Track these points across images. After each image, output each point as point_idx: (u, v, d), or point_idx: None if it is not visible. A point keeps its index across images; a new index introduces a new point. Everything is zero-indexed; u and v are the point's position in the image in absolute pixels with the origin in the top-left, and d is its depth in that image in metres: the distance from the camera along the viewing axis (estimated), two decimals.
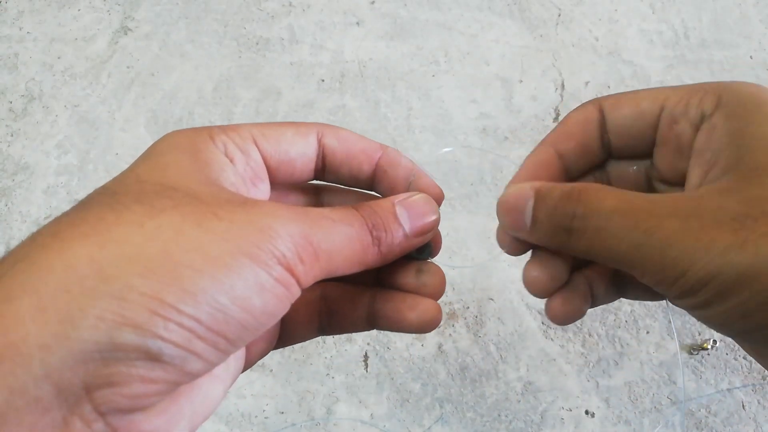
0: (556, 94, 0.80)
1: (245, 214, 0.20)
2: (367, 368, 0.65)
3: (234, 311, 0.19)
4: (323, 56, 0.83)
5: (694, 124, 0.25)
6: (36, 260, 0.18)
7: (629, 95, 0.28)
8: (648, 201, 0.22)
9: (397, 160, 0.28)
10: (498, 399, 0.63)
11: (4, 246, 0.73)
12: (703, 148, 0.24)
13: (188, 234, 0.19)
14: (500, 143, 0.76)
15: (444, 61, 0.83)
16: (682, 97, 0.26)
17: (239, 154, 0.24)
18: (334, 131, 0.27)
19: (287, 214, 0.21)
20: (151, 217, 0.19)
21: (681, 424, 0.61)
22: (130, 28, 0.87)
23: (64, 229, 0.19)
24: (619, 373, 0.64)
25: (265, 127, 0.26)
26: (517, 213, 0.25)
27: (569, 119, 0.29)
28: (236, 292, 0.19)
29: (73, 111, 0.81)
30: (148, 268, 0.18)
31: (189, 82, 0.83)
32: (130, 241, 0.18)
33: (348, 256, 0.23)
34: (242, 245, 0.19)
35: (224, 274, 0.18)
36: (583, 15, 0.85)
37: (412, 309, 0.27)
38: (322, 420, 0.63)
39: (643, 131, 0.27)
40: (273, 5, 0.88)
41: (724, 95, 0.24)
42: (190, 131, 0.24)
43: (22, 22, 0.88)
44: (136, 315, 0.17)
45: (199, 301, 0.18)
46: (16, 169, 0.78)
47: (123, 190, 0.21)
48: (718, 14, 0.85)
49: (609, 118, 0.28)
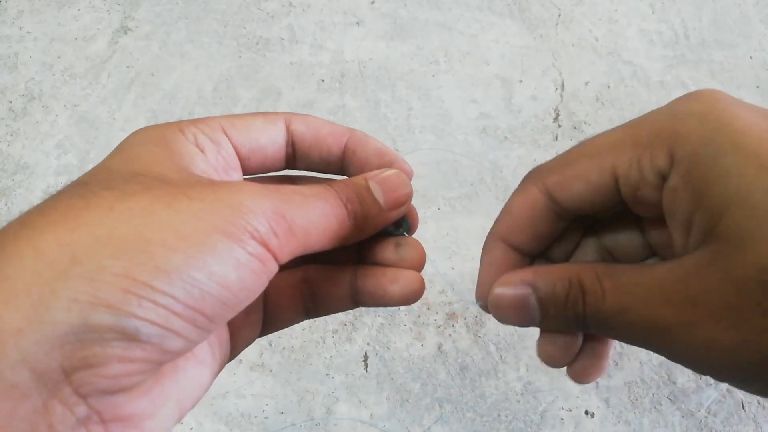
0: (556, 94, 0.80)
1: (215, 192, 0.20)
2: (367, 368, 0.65)
3: (211, 287, 0.19)
4: (323, 56, 0.83)
5: (656, 188, 0.23)
6: (5, 248, 0.18)
7: (571, 170, 0.25)
8: (644, 289, 0.22)
9: (364, 141, 0.28)
10: (498, 399, 0.63)
11: None
12: (673, 213, 0.23)
13: (159, 214, 0.19)
14: (500, 143, 0.76)
15: (444, 61, 0.83)
16: (630, 158, 0.23)
17: (210, 144, 0.25)
18: (302, 117, 0.27)
19: (259, 190, 0.21)
20: (121, 200, 0.19)
21: (680, 423, 0.61)
22: (130, 28, 0.87)
23: (34, 219, 0.19)
24: (619, 373, 0.64)
25: (234, 117, 0.26)
26: (522, 312, 0.25)
27: (513, 209, 0.27)
28: (211, 268, 0.19)
29: (73, 111, 0.81)
30: (120, 249, 0.18)
31: (189, 82, 0.83)
32: (100, 223, 0.18)
33: (324, 231, 0.23)
34: (215, 222, 0.19)
35: (198, 250, 0.18)
36: (583, 15, 0.85)
37: (393, 281, 0.27)
38: (321, 420, 0.63)
39: (606, 200, 0.25)
40: (273, 5, 0.88)
41: (676, 146, 0.22)
42: (160, 126, 0.24)
43: (22, 22, 0.88)
44: (109, 295, 0.17)
45: (173, 278, 0.18)
46: (16, 168, 0.78)
47: (93, 180, 0.21)
48: (718, 14, 0.85)
49: (561, 201, 0.26)
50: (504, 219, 0.28)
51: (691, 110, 0.22)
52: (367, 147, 0.28)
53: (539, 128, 0.77)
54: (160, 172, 0.21)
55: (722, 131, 0.21)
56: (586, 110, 0.78)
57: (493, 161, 0.75)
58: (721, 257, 0.20)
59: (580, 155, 0.25)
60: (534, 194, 0.26)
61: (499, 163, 0.75)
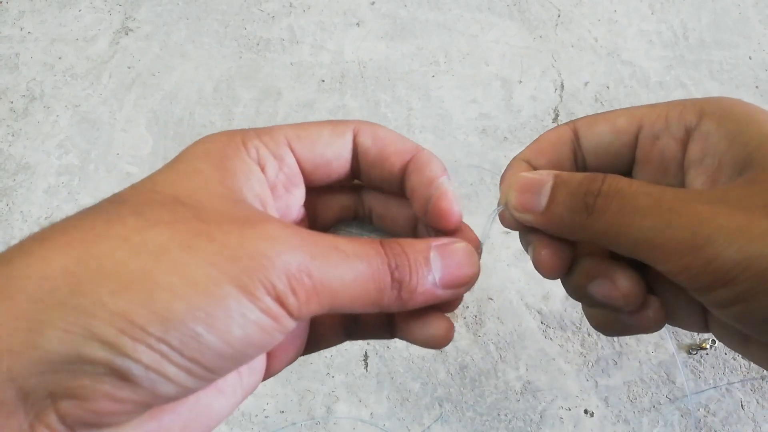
0: (555, 95, 0.80)
1: (241, 236, 0.19)
2: (367, 367, 0.65)
3: (209, 340, 0.18)
4: (323, 56, 0.84)
5: (677, 139, 0.24)
6: (18, 266, 0.18)
7: (604, 115, 0.27)
8: (673, 189, 0.22)
9: (426, 164, 0.26)
10: (497, 398, 0.63)
11: (4, 246, 0.73)
12: (701, 156, 0.24)
13: (173, 254, 0.18)
14: (500, 143, 0.76)
15: (444, 62, 0.83)
16: (659, 113, 0.25)
17: (272, 160, 0.23)
18: (372, 129, 0.26)
19: (289, 240, 0.20)
20: (140, 231, 0.19)
21: (680, 423, 0.62)
22: (130, 29, 0.87)
23: (52, 236, 0.19)
24: (618, 372, 0.64)
25: (301, 128, 0.25)
26: (531, 193, 0.25)
27: (542, 138, 0.28)
28: (213, 321, 0.18)
29: (74, 111, 0.82)
30: (123, 286, 0.17)
31: (189, 83, 0.83)
32: (111, 255, 0.18)
33: (357, 296, 0.21)
34: (230, 271, 0.18)
35: (203, 300, 0.18)
36: (583, 15, 0.86)
37: (427, 326, 0.25)
38: (322, 419, 0.63)
39: (620, 150, 0.26)
40: (273, 6, 0.88)
41: (707, 107, 0.24)
42: (224, 136, 0.23)
43: (23, 23, 0.89)
44: (104, 332, 0.17)
45: (170, 326, 0.17)
46: (17, 168, 0.78)
47: (132, 199, 0.20)
48: (718, 14, 0.85)
49: (583, 138, 0.27)
50: (531, 145, 0.29)
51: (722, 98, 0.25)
52: (427, 170, 0.25)
53: (539, 128, 0.77)
54: (201, 200, 0.20)
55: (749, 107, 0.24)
56: (586, 110, 0.78)
57: (493, 161, 0.75)
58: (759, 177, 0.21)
59: (617, 110, 0.27)
60: (563, 129, 0.28)
61: (499, 163, 0.75)
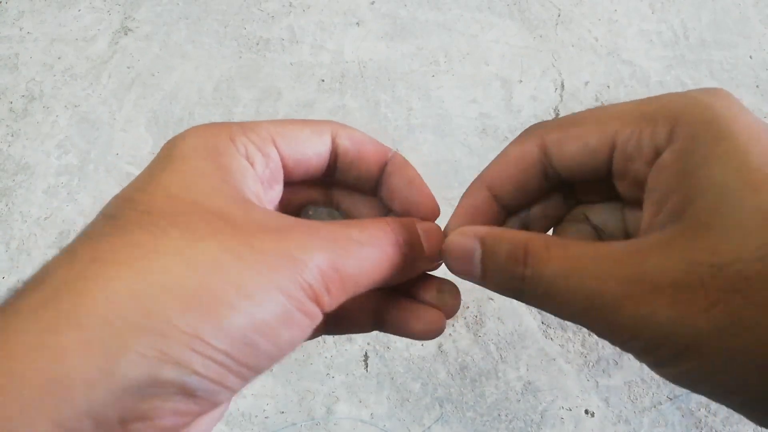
0: (555, 95, 0.80)
1: (277, 243, 0.20)
2: (367, 368, 0.65)
3: (263, 344, 0.19)
4: (323, 56, 0.84)
5: (649, 162, 0.23)
6: (79, 290, 0.18)
7: (573, 129, 0.25)
8: (591, 260, 0.22)
9: (403, 168, 0.28)
10: (498, 398, 0.63)
11: (4, 246, 0.73)
12: (654, 188, 0.23)
13: (226, 266, 0.19)
14: (500, 143, 0.76)
15: (444, 62, 0.83)
16: (632, 129, 0.24)
17: (259, 157, 0.24)
18: (348, 131, 0.27)
19: (317, 243, 0.21)
20: (190, 245, 0.19)
21: (680, 423, 0.62)
22: (130, 29, 0.87)
23: (104, 256, 0.19)
24: (619, 372, 0.64)
25: (283, 126, 0.26)
26: (465, 262, 0.25)
27: (506, 159, 0.27)
28: (266, 327, 0.19)
29: (73, 111, 0.82)
30: (188, 304, 0.18)
31: (189, 83, 0.83)
32: (169, 271, 0.18)
33: (373, 278, 0.23)
34: (274, 278, 0.19)
35: (257, 310, 0.19)
36: (583, 15, 0.86)
37: (419, 319, 0.27)
38: (322, 419, 0.63)
39: (596, 168, 0.25)
40: (273, 5, 0.88)
41: (678, 126, 0.22)
42: (209, 130, 0.24)
43: (23, 23, 0.88)
44: (177, 352, 0.17)
45: (234, 338, 0.18)
46: (17, 169, 0.78)
47: (156, 209, 0.20)
48: (718, 14, 0.85)
49: (555, 157, 0.26)
50: (494, 166, 0.28)
51: (702, 98, 0.23)
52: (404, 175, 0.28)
53: None
54: (221, 206, 0.21)
55: (725, 121, 0.21)
56: None
57: None
58: (681, 238, 0.20)
59: (585, 118, 0.25)
60: (530, 146, 0.26)
61: None
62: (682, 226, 0.21)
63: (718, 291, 0.19)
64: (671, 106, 0.23)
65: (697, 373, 0.20)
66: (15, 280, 0.71)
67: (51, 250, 0.73)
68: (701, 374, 0.20)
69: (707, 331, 0.19)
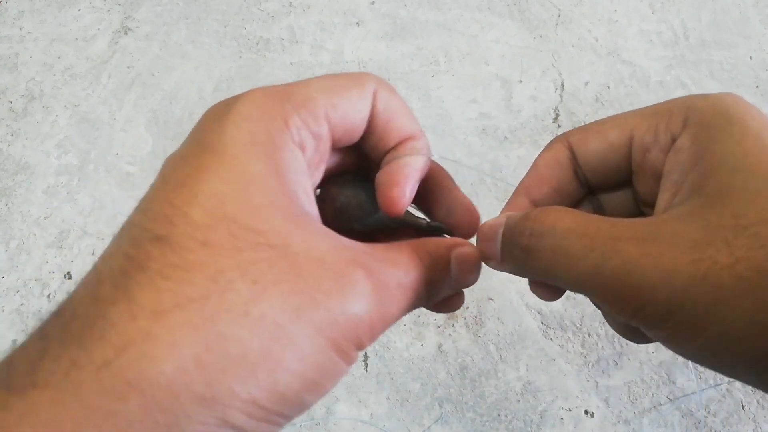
0: (555, 94, 0.80)
1: (339, 298, 0.20)
2: (367, 368, 0.65)
3: (310, 401, 0.20)
4: (323, 56, 0.84)
5: (665, 150, 0.24)
6: (145, 354, 0.17)
7: (595, 127, 0.26)
8: (608, 223, 0.21)
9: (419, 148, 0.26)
10: (497, 399, 0.63)
11: (3, 246, 0.73)
12: (670, 172, 0.23)
13: (287, 330, 0.19)
14: (500, 143, 0.76)
15: (444, 61, 0.83)
16: (649, 123, 0.25)
17: (311, 140, 0.23)
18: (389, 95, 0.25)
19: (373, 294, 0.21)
20: (255, 302, 0.18)
21: (680, 423, 0.62)
22: (130, 28, 0.87)
23: (169, 310, 0.18)
24: (619, 372, 0.64)
25: (334, 93, 0.23)
26: (489, 242, 0.25)
27: (539, 163, 0.28)
28: (317, 386, 0.19)
29: (73, 111, 0.82)
30: (250, 372, 0.18)
31: (189, 83, 0.83)
32: (235, 337, 0.18)
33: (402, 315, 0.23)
34: (331, 336, 0.19)
35: (313, 373, 0.19)
36: (583, 15, 0.86)
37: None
38: (321, 419, 0.63)
39: (617, 163, 0.26)
40: (273, 5, 0.88)
41: (691, 115, 0.23)
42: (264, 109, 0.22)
43: (23, 22, 0.88)
44: (235, 419, 0.18)
45: (287, 399, 0.19)
46: (17, 169, 0.78)
47: (215, 239, 0.19)
48: (718, 14, 0.85)
49: (579, 156, 0.27)
50: (529, 174, 0.28)
51: (714, 95, 0.24)
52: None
53: (539, 128, 0.77)
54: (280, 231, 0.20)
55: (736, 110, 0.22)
56: (586, 110, 0.78)
57: (493, 161, 0.75)
58: (700, 209, 0.20)
59: (606, 120, 0.26)
60: (558, 149, 0.27)
61: (499, 163, 0.75)
62: (701, 199, 0.21)
63: (741, 248, 0.19)
64: (685, 101, 0.24)
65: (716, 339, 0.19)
66: (15, 279, 0.71)
67: (51, 249, 0.73)
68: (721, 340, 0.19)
69: (732, 287, 0.18)
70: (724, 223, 0.19)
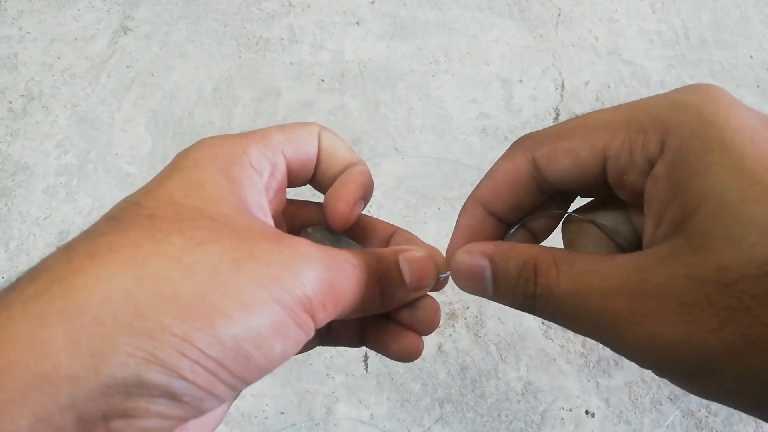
0: (556, 94, 0.80)
1: (280, 255, 0.20)
2: (367, 368, 0.65)
3: (255, 355, 0.19)
4: (323, 56, 0.83)
5: (644, 174, 0.23)
6: (73, 286, 0.18)
7: (563, 143, 0.25)
8: (598, 276, 0.22)
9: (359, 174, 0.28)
10: (498, 399, 0.63)
11: (3, 246, 0.73)
12: (651, 200, 0.23)
13: (225, 275, 0.19)
14: (500, 143, 0.76)
15: (444, 61, 0.83)
16: (623, 142, 0.23)
17: (268, 168, 0.25)
18: (329, 133, 0.28)
19: (319, 257, 0.21)
20: (189, 251, 0.19)
21: (681, 423, 0.61)
22: (129, 28, 0.87)
23: (102, 254, 0.19)
24: (619, 373, 0.64)
25: (289, 131, 0.26)
26: (476, 281, 0.25)
27: (497, 175, 0.27)
28: (260, 338, 0.19)
29: (72, 111, 0.81)
30: (182, 310, 0.18)
31: (189, 82, 0.83)
32: (167, 276, 0.18)
33: (358, 304, 0.23)
34: (274, 291, 0.19)
35: (254, 322, 0.19)
36: (583, 15, 0.86)
37: (395, 341, 0.28)
38: (322, 420, 0.63)
39: (591, 180, 0.25)
40: (273, 5, 0.88)
41: (668, 136, 0.22)
42: (226, 141, 0.24)
43: (22, 22, 0.88)
44: (166, 355, 0.18)
45: (226, 347, 0.18)
46: (16, 169, 0.78)
47: (160, 213, 0.20)
48: (718, 14, 0.85)
49: (547, 173, 0.26)
50: (486, 183, 0.27)
51: (691, 102, 0.22)
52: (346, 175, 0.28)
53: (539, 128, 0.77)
54: (227, 214, 0.21)
55: (716, 126, 0.21)
56: (586, 110, 0.78)
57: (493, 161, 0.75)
58: (683, 253, 0.20)
59: (573, 129, 0.25)
60: (520, 162, 0.26)
61: None
62: (683, 240, 0.20)
63: (726, 310, 0.19)
64: (659, 113, 0.22)
65: (715, 389, 0.20)
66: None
67: (50, 249, 0.72)
68: (719, 391, 0.20)
69: (719, 351, 0.19)
70: (708, 276, 0.19)
